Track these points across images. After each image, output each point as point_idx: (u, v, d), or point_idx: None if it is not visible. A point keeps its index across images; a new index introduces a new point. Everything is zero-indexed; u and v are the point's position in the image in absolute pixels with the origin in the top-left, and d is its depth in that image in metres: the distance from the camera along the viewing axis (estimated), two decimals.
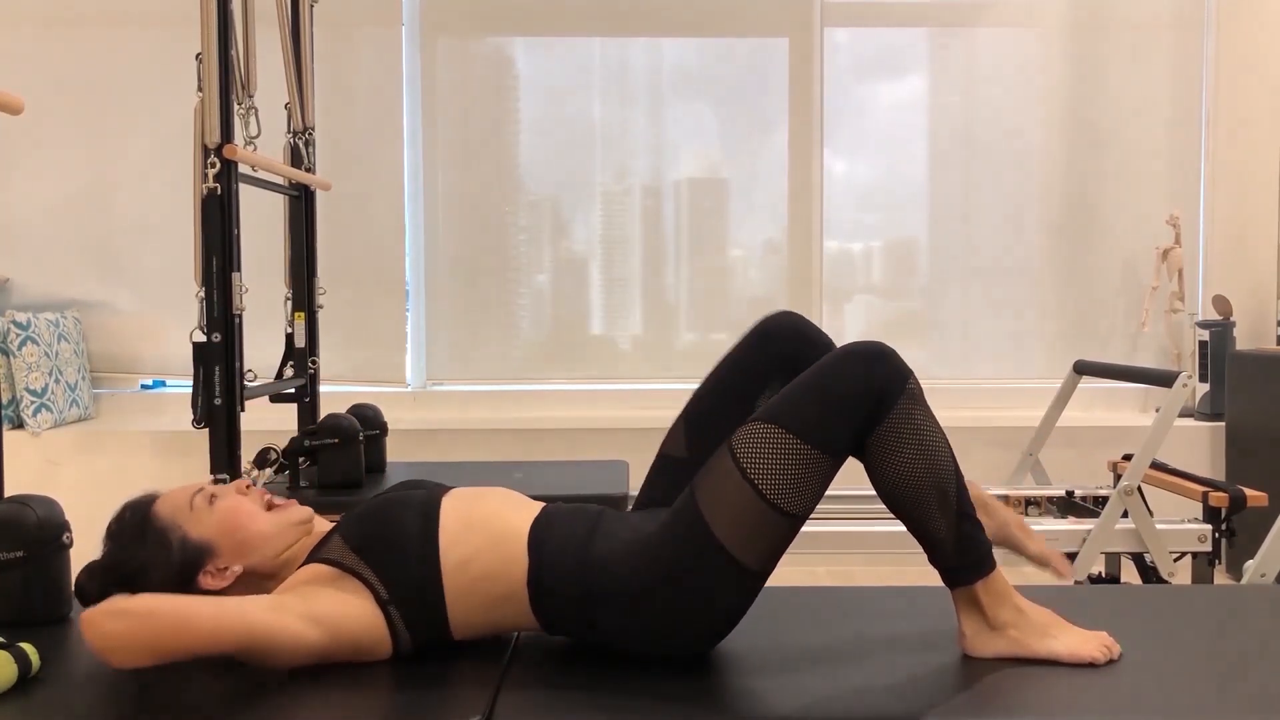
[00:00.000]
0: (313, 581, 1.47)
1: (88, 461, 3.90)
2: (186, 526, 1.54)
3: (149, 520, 1.55)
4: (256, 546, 1.55)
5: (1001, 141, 4.38)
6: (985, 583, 1.49)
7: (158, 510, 1.56)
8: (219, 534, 1.54)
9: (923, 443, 1.45)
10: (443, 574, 1.47)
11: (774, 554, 1.47)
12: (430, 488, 1.60)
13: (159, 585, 1.49)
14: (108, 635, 1.32)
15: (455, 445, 3.97)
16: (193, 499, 1.56)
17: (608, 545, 1.49)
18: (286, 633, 1.39)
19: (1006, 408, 4.24)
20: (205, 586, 1.52)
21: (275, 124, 3.22)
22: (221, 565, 1.53)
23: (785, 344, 1.66)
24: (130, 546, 1.54)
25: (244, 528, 1.55)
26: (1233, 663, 1.52)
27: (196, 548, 1.53)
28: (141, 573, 1.51)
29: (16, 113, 1.80)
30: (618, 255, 4.40)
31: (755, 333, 1.68)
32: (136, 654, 1.32)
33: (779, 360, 1.65)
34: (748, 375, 1.66)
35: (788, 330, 1.67)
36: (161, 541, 1.53)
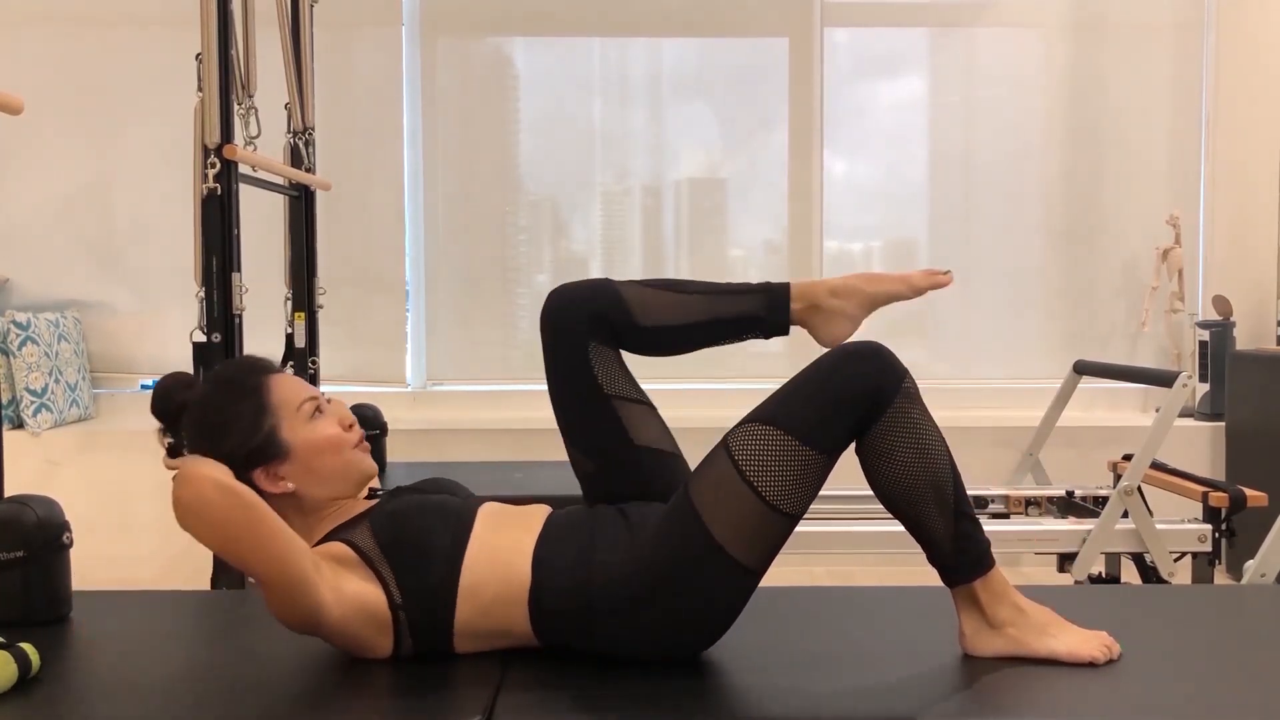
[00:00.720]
0: (340, 560, 1.46)
1: (88, 461, 3.90)
2: (283, 420, 1.52)
3: (259, 390, 1.53)
4: (323, 480, 1.53)
5: (1001, 141, 4.38)
6: (984, 581, 1.49)
7: (271, 388, 1.54)
8: (302, 447, 1.52)
9: (919, 442, 1.45)
10: (458, 595, 1.46)
11: (771, 552, 1.47)
12: (464, 498, 1.59)
13: (227, 449, 1.47)
14: (203, 499, 1.32)
15: (455, 445, 3.96)
16: (304, 403, 1.54)
17: (606, 558, 1.48)
18: (318, 594, 1.40)
19: (1006, 408, 4.24)
20: (256, 481, 1.49)
21: (275, 124, 3.22)
22: (282, 474, 1.51)
23: (568, 318, 1.63)
24: (232, 400, 1.52)
25: (325, 456, 1.53)
26: (1233, 663, 1.52)
27: (277, 445, 1.51)
28: (222, 427, 1.50)
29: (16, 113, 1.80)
30: (618, 255, 4.40)
31: (543, 330, 1.65)
32: (210, 529, 1.33)
33: (578, 334, 1.62)
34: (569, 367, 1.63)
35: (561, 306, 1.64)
36: (257, 417, 1.51)
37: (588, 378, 1.62)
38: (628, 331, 1.64)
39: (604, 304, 1.63)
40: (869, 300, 1.70)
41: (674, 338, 1.66)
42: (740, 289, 1.66)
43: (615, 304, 1.63)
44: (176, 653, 1.60)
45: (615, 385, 1.64)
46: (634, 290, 1.65)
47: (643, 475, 1.61)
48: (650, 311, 1.64)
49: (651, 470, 1.62)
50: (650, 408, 1.67)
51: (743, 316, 1.64)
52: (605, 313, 1.62)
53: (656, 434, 1.65)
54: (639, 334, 1.64)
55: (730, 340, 1.68)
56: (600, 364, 1.63)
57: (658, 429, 1.66)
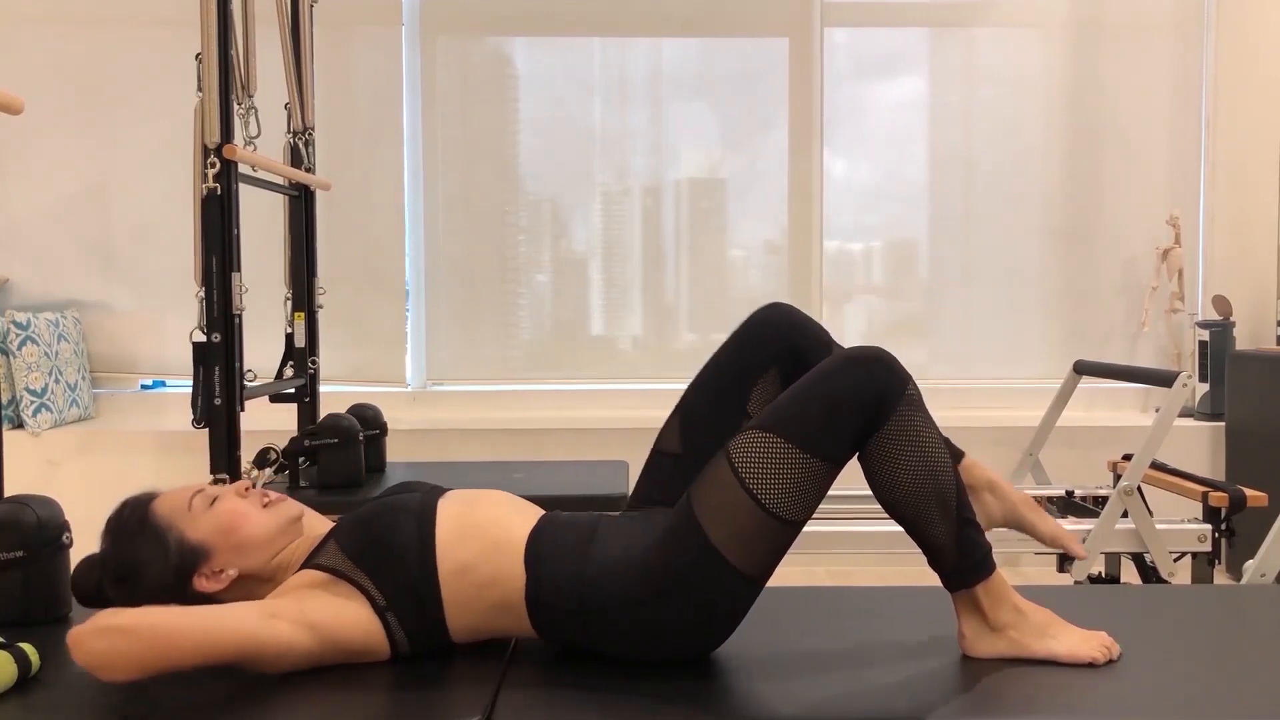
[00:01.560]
0: (309, 587, 1.47)
1: (88, 461, 3.90)
2: (184, 527, 1.53)
3: (147, 519, 1.54)
4: (253, 549, 1.54)
5: (1001, 141, 4.38)
6: (985, 585, 1.49)
7: (156, 509, 1.55)
8: (216, 536, 1.53)
9: (922, 449, 1.44)
10: (440, 580, 1.47)
11: (772, 560, 1.47)
12: (425, 490, 1.59)
13: (154, 585, 1.49)
14: (94, 653, 1.32)
15: (455, 445, 3.97)
16: (192, 500, 1.55)
17: (604, 557, 1.48)
18: (280, 640, 1.39)
19: (1006, 408, 4.24)
20: (200, 589, 1.51)
21: (275, 124, 3.22)
22: (217, 568, 1.52)
23: (776, 335, 1.65)
24: (127, 544, 1.53)
25: (241, 530, 1.54)
26: (1233, 663, 1.52)
27: (193, 549, 1.52)
28: (137, 571, 1.51)
29: (16, 113, 1.80)
30: (618, 255, 4.40)
31: (747, 325, 1.67)
32: (126, 669, 1.33)
33: (771, 352, 1.64)
34: (740, 369, 1.65)
35: (780, 322, 1.66)
36: (158, 541, 1.52)
37: (746, 388, 1.64)
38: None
39: (810, 344, 1.63)
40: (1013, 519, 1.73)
41: None
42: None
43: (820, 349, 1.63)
44: None
45: (758, 411, 1.63)
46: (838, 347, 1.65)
47: None
48: None
49: None
50: None
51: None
52: (808, 355, 1.62)
53: None
54: None
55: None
56: (763, 388, 1.64)
57: None
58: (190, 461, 3.58)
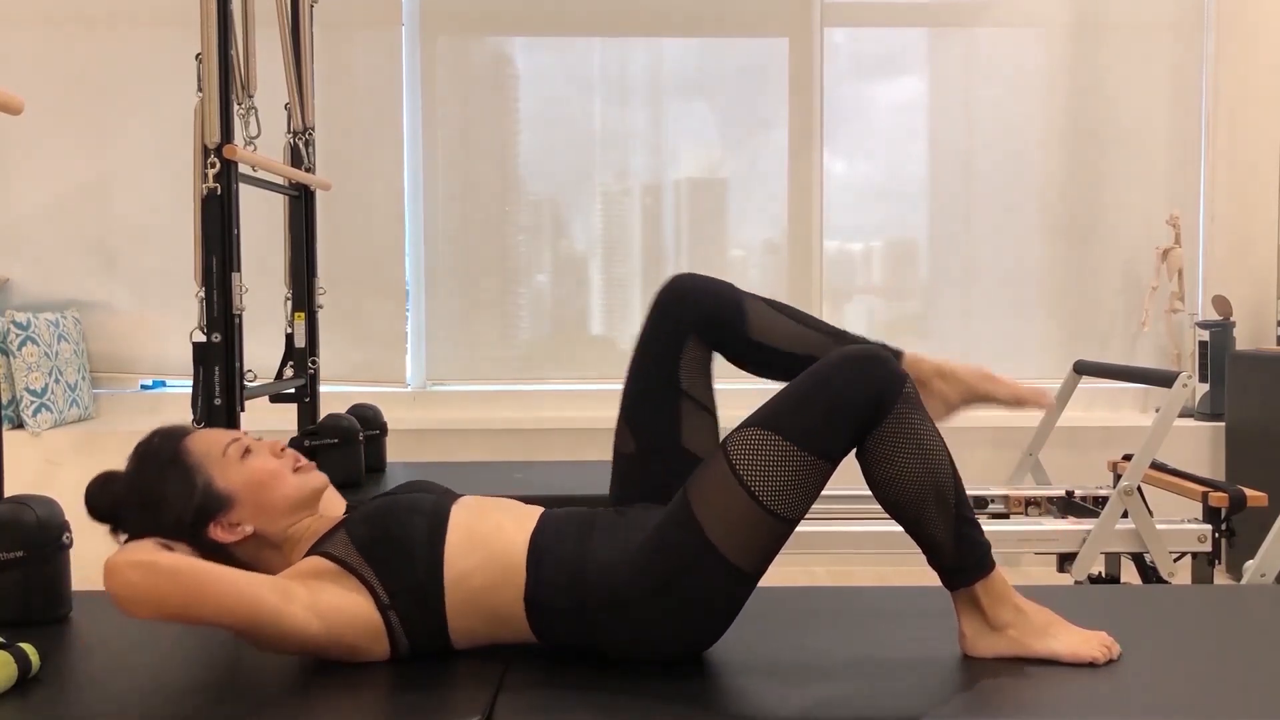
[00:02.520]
0: (317, 575, 1.46)
1: (88, 461, 3.85)
2: (214, 471, 1.51)
3: (179, 454, 1.52)
4: (275, 512, 1.52)
5: (1001, 141, 4.38)
6: (985, 583, 1.49)
7: (190, 446, 1.53)
8: (243, 489, 1.51)
9: (921, 447, 1.44)
10: (445, 585, 1.46)
11: (768, 556, 1.47)
12: (439, 493, 1.59)
13: (172, 520, 1.47)
14: (130, 585, 1.32)
15: (455, 445, 3.97)
16: (227, 447, 1.53)
17: (602, 556, 1.48)
18: (292, 620, 1.39)
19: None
20: (213, 536, 1.49)
21: (275, 124, 3.22)
22: (235, 520, 1.50)
23: (686, 306, 1.63)
24: (155, 474, 1.51)
25: (269, 489, 1.52)
26: (1233, 663, 1.52)
27: (218, 496, 1.50)
28: (158, 502, 1.49)
29: (16, 113, 1.80)
30: (618, 255, 4.40)
31: (655, 306, 1.66)
32: (151, 608, 1.32)
33: (687, 322, 1.63)
34: (662, 350, 1.64)
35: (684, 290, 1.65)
36: (187, 478, 1.50)
37: (672, 366, 1.63)
38: (734, 340, 1.64)
39: (724, 306, 1.64)
40: (971, 395, 1.72)
41: (775, 361, 1.66)
42: (855, 339, 1.65)
43: (734, 310, 1.64)
44: (176, 653, 1.60)
45: (692, 385, 1.64)
46: (756, 304, 1.66)
47: (673, 477, 1.58)
48: (763, 329, 1.65)
49: (683, 475, 1.61)
50: (713, 421, 1.67)
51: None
52: (721, 315, 1.63)
53: (705, 445, 1.63)
54: (744, 345, 1.65)
55: None
56: (689, 360, 1.64)
57: (709, 441, 1.65)
58: None
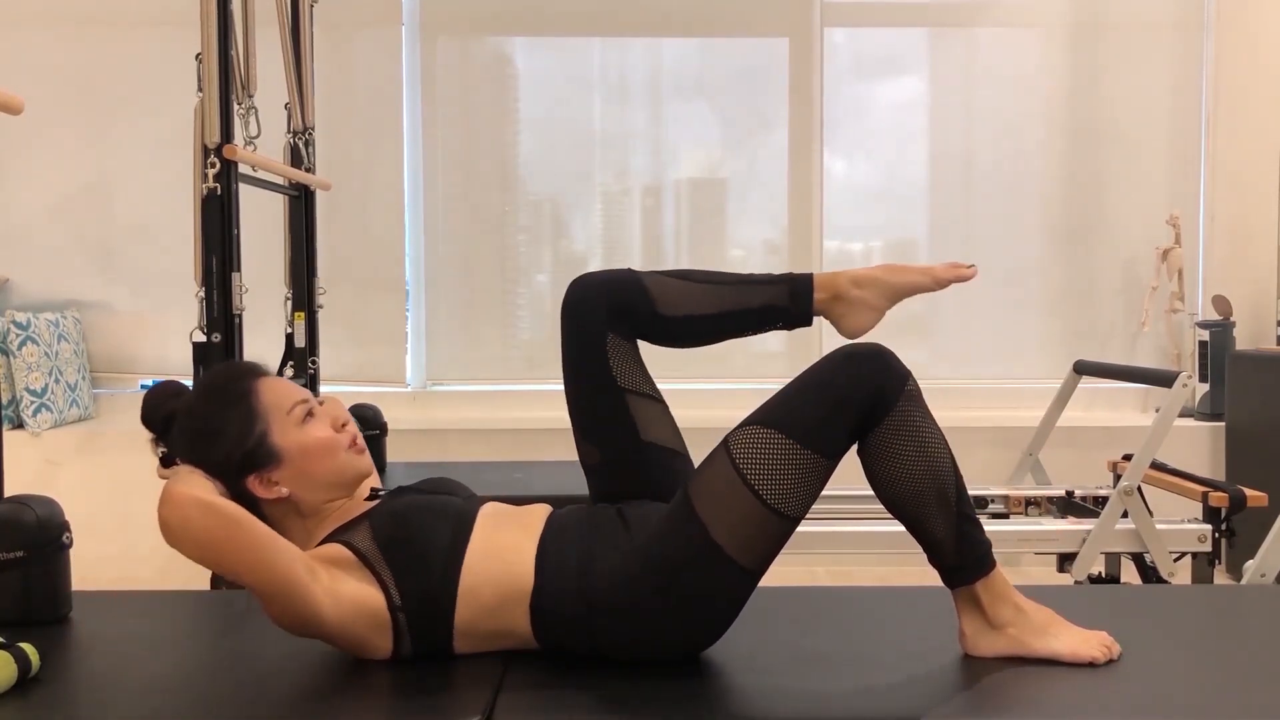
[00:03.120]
0: (337, 562, 1.46)
1: (88, 461, 3.90)
2: (274, 425, 1.50)
3: (248, 395, 1.51)
4: (318, 484, 1.52)
5: (1001, 141, 4.38)
6: (985, 582, 1.49)
7: (260, 392, 1.52)
8: (295, 452, 1.50)
9: (922, 444, 1.45)
10: (458, 595, 1.46)
11: (770, 554, 1.47)
12: (464, 498, 1.58)
13: (220, 458, 1.47)
14: (186, 519, 1.32)
15: (455, 445, 3.97)
16: (295, 406, 1.52)
17: (605, 559, 1.48)
18: (314, 598, 1.39)
19: (1006, 408, 4.24)
20: (250, 487, 1.49)
21: (275, 124, 3.22)
22: (276, 479, 1.50)
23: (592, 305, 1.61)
24: (221, 408, 1.50)
25: (320, 462, 1.51)
26: (1233, 663, 1.52)
27: (269, 451, 1.49)
28: (214, 437, 1.48)
29: (16, 113, 1.80)
30: (618, 255, 4.39)
31: (564, 315, 1.63)
32: (195, 546, 1.33)
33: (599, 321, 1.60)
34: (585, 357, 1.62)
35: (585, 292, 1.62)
36: (248, 423, 1.49)
37: (603, 369, 1.61)
38: (649, 322, 1.62)
39: (626, 294, 1.61)
40: (892, 291, 1.69)
41: (696, 328, 1.65)
42: (763, 279, 1.66)
43: (638, 293, 1.62)
44: (176, 653, 1.60)
45: (630, 379, 1.62)
46: (657, 280, 1.64)
47: (648, 472, 1.61)
48: (673, 302, 1.63)
49: (657, 468, 1.61)
50: (662, 405, 1.66)
51: (766, 307, 1.64)
52: (627, 302, 1.61)
53: (666, 432, 1.64)
54: (660, 324, 1.63)
55: (752, 331, 1.68)
56: (616, 356, 1.61)
57: (668, 427, 1.65)
58: None
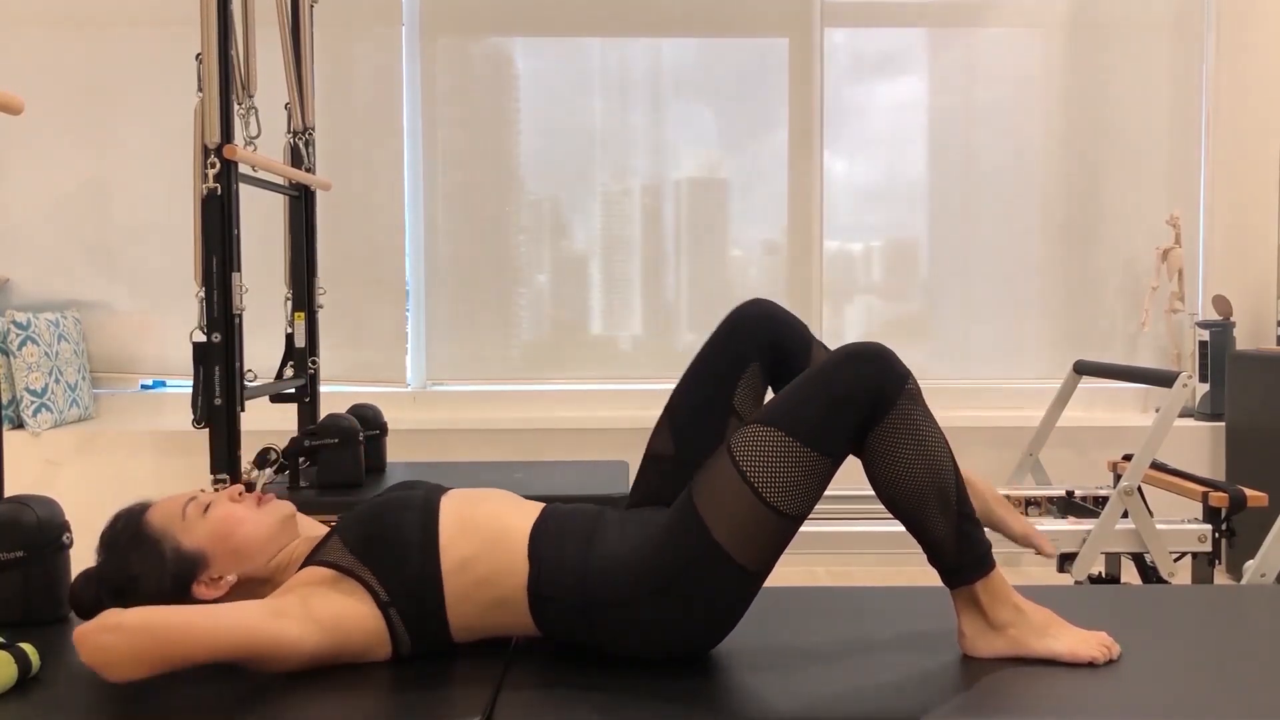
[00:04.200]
0: (312, 584, 1.47)
1: (88, 461, 3.90)
2: (179, 536, 1.52)
3: (141, 530, 1.53)
4: (250, 553, 1.53)
5: (1001, 141, 4.38)
6: (985, 582, 1.49)
7: (150, 520, 1.54)
8: (212, 543, 1.52)
9: (922, 443, 1.45)
10: (443, 575, 1.47)
11: (773, 555, 1.47)
12: (427, 488, 1.60)
13: (153, 595, 1.48)
14: (102, 649, 1.32)
15: (455, 445, 3.97)
16: (185, 508, 1.54)
17: (607, 551, 1.48)
18: (285, 637, 1.39)
19: (1006, 408, 4.24)
20: (200, 596, 1.51)
21: (275, 124, 3.22)
22: (216, 575, 1.52)
23: (757, 330, 1.65)
24: (123, 556, 1.52)
25: (235, 535, 1.53)
26: (1233, 663, 1.52)
27: (190, 557, 1.51)
28: (135, 583, 1.50)
29: (16, 113, 1.80)
30: (618, 255, 4.40)
31: (728, 323, 1.67)
32: (132, 667, 1.33)
33: (752, 347, 1.65)
34: (723, 366, 1.65)
35: (758, 316, 1.67)
36: (154, 552, 1.51)
37: (731, 384, 1.64)
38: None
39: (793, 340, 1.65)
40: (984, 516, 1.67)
41: None
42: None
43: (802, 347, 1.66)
44: None
45: (745, 405, 1.64)
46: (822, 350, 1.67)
47: None
48: None
49: None
50: None
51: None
52: (788, 347, 1.64)
53: None
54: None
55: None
56: (746, 383, 1.65)
57: None
58: (190, 462, 3.58)
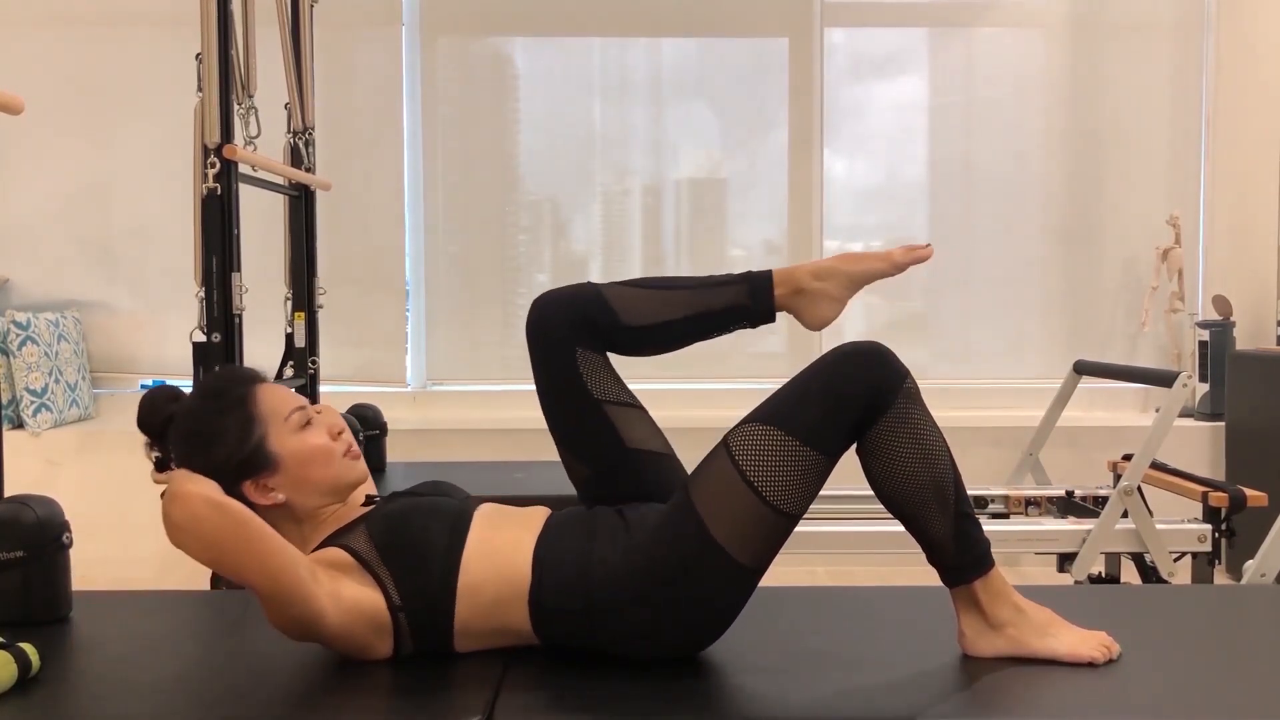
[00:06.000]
0: (336, 565, 1.46)
1: (88, 461, 3.90)
2: (272, 431, 1.50)
3: (247, 400, 1.51)
4: (311, 489, 1.52)
5: (1001, 141, 4.38)
6: (984, 581, 1.49)
7: (258, 398, 1.52)
8: (291, 458, 1.50)
9: (920, 442, 1.45)
10: (457, 593, 1.46)
11: (770, 552, 1.47)
12: (461, 500, 1.59)
13: (218, 461, 1.46)
14: (195, 518, 1.32)
15: (455, 445, 3.96)
16: (292, 412, 1.52)
17: (605, 557, 1.48)
18: (317, 602, 1.39)
19: (1006, 408, 4.24)
20: (245, 493, 1.49)
21: (275, 124, 3.22)
22: (272, 485, 1.50)
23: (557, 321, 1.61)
24: (218, 413, 1.50)
25: (314, 467, 1.51)
26: (1233, 663, 1.52)
27: (266, 456, 1.49)
28: (212, 440, 1.48)
29: (16, 113, 1.80)
30: (618, 255, 4.40)
31: (530, 340, 1.64)
32: (202, 545, 1.33)
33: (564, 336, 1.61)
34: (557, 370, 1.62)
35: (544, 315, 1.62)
36: (244, 428, 1.49)
37: (576, 384, 1.62)
38: (613, 332, 1.63)
39: (587, 307, 1.62)
40: (851, 280, 1.70)
41: (661, 335, 1.66)
42: (723, 280, 1.66)
43: (599, 306, 1.62)
44: (176, 653, 1.60)
45: (604, 390, 1.63)
46: (617, 290, 1.64)
47: (637, 477, 1.62)
48: (634, 311, 1.63)
49: (645, 472, 1.62)
50: (640, 409, 1.67)
51: (728, 307, 1.64)
52: (589, 316, 1.61)
53: (647, 435, 1.65)
54: (625, 334, 1.64)
55: (718, 333, 1.68)
56: (587, 369, 1.62)
57: (648, 430, 1.66)
58: None
